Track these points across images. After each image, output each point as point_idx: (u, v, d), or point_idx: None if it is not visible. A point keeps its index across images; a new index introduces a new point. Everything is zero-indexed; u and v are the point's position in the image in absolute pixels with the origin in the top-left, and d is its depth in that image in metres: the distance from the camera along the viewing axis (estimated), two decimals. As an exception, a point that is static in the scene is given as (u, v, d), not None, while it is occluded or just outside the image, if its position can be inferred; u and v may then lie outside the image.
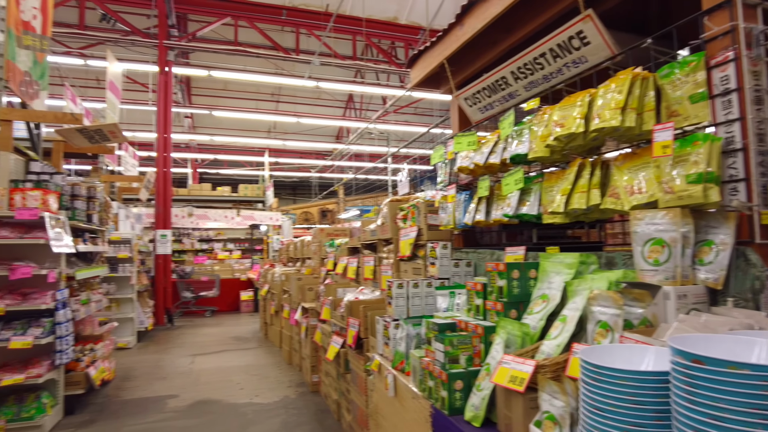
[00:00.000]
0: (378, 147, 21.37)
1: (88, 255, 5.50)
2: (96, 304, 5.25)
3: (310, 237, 7.27)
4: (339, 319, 3.87)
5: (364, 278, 4.26)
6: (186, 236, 14.81)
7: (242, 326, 9.60)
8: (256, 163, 23.37)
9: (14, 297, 4.05)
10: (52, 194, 4.27)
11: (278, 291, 7.34)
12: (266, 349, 7.34)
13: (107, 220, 5.99)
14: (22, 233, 4.08)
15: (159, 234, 9.96)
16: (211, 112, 15.10)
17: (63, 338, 4.22)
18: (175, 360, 6.66)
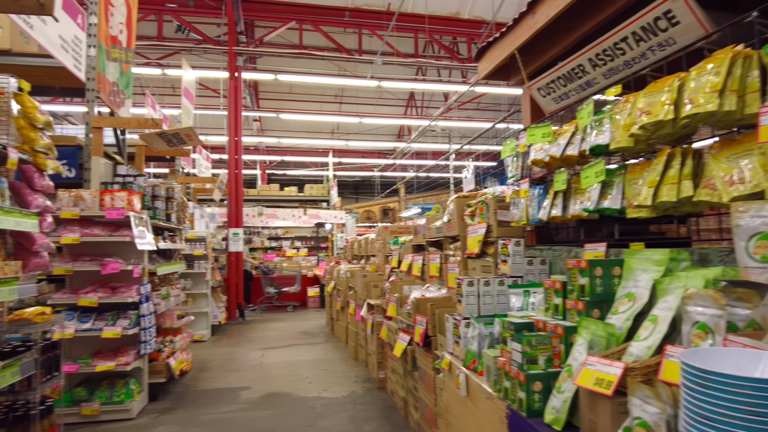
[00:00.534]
0: (440, 144, 21.22)
1: (168, 252, 5.84)
2: (175, 299, 5.56)
3: (374, 235, 7.31)
4: (405, 316, 3.85)
5: (430, 276, 4.22)
6: (256, 234, 15.41)
7: (309, 321, 9.85)
8: (320, 163, 23.91)
9: (105, 290, 4.36)
10: (136, 195, 4.56)
11: (344, 287, 7.45)
12: (333, 344, 7.48)
13: (184, 219, 6.33)
14: (111, 231, 4.39)
15: (231, 232, 10.41)
16: (278, 114, 15.62)
17: (147, 330, 4.50)
18: (246, 353, 6.93)
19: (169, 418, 4.29)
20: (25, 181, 2.69)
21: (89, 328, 4.26)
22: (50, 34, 4.30)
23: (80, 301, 4.18)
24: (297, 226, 15.16)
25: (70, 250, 4.52)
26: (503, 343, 1.87)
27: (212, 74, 12.46)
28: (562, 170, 2.30)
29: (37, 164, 2.67)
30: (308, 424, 4.08)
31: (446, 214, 3.77)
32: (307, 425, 4.06)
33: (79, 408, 4.14)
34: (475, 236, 3.14)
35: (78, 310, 4.35)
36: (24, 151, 2.60)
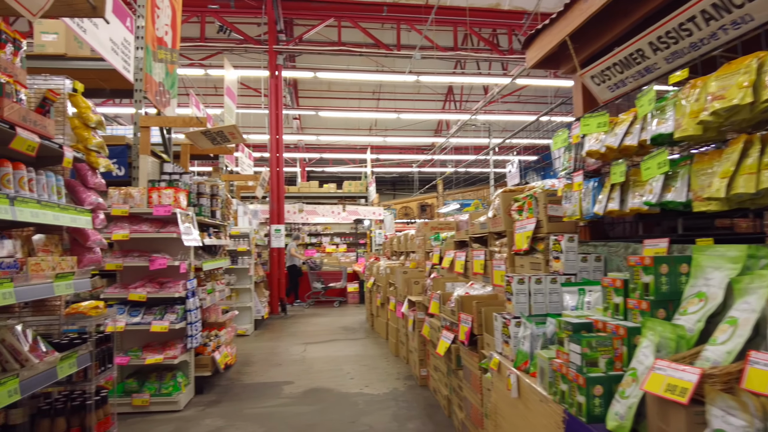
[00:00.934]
0: (479, 139, 20.89)
1: (212, 248, 5.96)
2: (219, 294, 5.67)
3: (414, 231, 7.25)
4: (449, 314, 3.77)
5: (474, 273, 4.12)
6: (296, 231, 15.61)
7: (349, 317, 9.89)
8: (358, 160, 24.01)
9: (153, 285, 4.48)
10: (182, 192, 4.66)
11: (384, 284, 7.42)
12: (373, 339, 7.47)
13: (228, 215, 6.45)
14: (159, 228, 4.50)
15: (273, 229, 10.57)
16: (317, 112, 15.72)
17: (193, 324, 4.59)
18: (288, 348, 7.01)
19: (215, 411, 4.37)
20: (79, 179, 2.77)
21: (139, 322, 4.38)
22: (101, 37, 4.44)
23: (130, 296, 4.31)
24: (336, 222, 15.27)
25: (120, 247, 4.67)
26: (559, 344, 1.78)
27: (253, 73, 12.68)
28: (620, 162, 2.17)
29: (90, 162, 2.75)
30: (351, 421, 4.06)
31: (491, 209, 3.67)
32: (350, 422, 4.05)
33: (131, 399, 4.28)
34: (523, 232, 3.03)
35: (128, 304, 4.48)
36: (78, 149, 2.67)
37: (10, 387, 1.89)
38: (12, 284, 1.91)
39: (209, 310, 5.69)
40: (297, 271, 11.80)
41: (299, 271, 11.86)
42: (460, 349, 3.50)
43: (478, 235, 4.08)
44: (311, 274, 11.77)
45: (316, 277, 11.79)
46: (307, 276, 11.90)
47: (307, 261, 11.91)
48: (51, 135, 2.28)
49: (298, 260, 11.85)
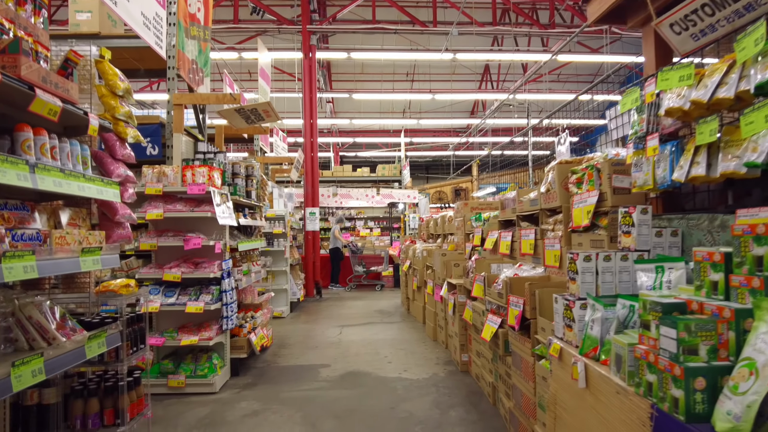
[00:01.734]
0: (517, 120, 20.23)
1: (248, 229, 5.86)
2: (255, 275, 5.57)
3: (452, 212, 6.98)
4: (495, 297, 3.52)
5: (522, 254, 3.84)
6: (331, 215, 15.55)
7: (384, 300, 9.74)
8: (392, 144, 23.74)
9: (188, 266, 4.39)
10: (216, 170, 4.53)
11: (420, 267, 7.21)
12: (409, 323, 7.28)
13: (264, 196, 6.33)
14: (193, 207, 4.39)
15: (308, 212, 10.47)
16: (351, 95, 15.49)
17: (228, 305, 4.49)
18: (324, 330, 6.90)
19: (251, 393, 4.28)
20: (107, 150, 2.64)
21: (173, 302, 4.31)
22: (133, 11, 4.31)
23: (165, 276, 4.24)
24: (370, 206, 15.11)
25: (155, 226, 4.60)
26: (643, 328, 1.51)
27: (287, 55, 12.53)
28: (709, 119, 1.86)
29: (118, 132, 2.61)
30: (390, 407, 3.89)
31: (543, 184, 3.37)
32: (390, 407, 3.88)
33: (167, 380, 4.22)
34: (583, 206, 2.74)
35: (163, 284, 4.42)
36: (105, 118, 2.54)
37: (34, 367, 1.77)
38: (34, 257, 1.78)
39: (245, 292, 5.62)
40: (339, 254, 11.69)
41: (341, 254, 11.75)
42: (509, 335, 3.25)
43: (527, 213, 3.79)
44: (353, 257, 11.64)
45: (357, 260, 11.65)
46: (348, 259, 11.79)
47: (349, 244, 11.77)
48: (74, 99, 2.13)
49: (341, 243, 11.74)
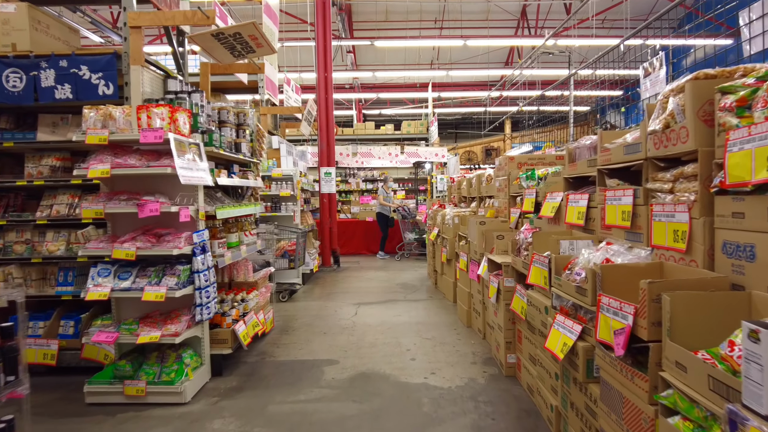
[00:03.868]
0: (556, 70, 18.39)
1: (238, 191, 4.77)
2: (248, 248, 4.51)
3: (492, 170, 5.73)
4: (572, 291, 2.35)
5: (605, 225, 2.63)
6: (351, 176, 14.40)
7: (408, 271, 8.66)
8: (418, 100, 22.16)
9: (148, 238, 3.34)
10: (182, 112, 3.40)
11: (451, 236, 6.05)
12: (437, 302, 6.19)
13: (261, 151, 5.21)
14: (150, 161, 3.30)
15: (323, 172, 9.34)
16: (373, 42, 14.03)
17: (203, 290, 3.45)
18: (338, 309, 5.88)
19: (231, 405, 3.27)
20: None
21: (129, 287, 3.28)
22: None
23: (114, 253, 3.19)
24: (393, 166, 13.88)
25: (109, 187, 3.55)
26: None
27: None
28: None
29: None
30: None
31: (657, 119, 2.12)
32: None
33: (122, 386, 3.25)
34: (756, 147, 1.50)
35: (116, 263, 3.39)
36: None
37: None
38: None
39: (236, 268, 4.58)
40: (385, 220, 10.57)
41: (389, 220, 10.63)
42: (599, 355, 2.09)
43: (618, 165, 2.55)
44: (403, 223, 10.45)
45: (410, 226, 10.46)
46: (397, 226, 10.65)
47: (399, 209, 10.54)
48: None
49: (388, 208, 10.59)
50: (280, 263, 6.53)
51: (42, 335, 3.82)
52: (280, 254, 6.57)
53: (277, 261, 6.52)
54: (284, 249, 6.60)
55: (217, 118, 4.44)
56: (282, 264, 6.54)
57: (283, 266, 6.54)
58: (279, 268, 6.50)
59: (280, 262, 6.53)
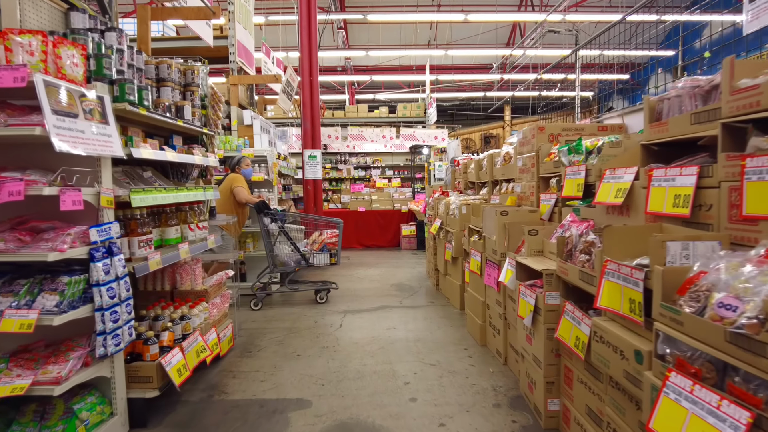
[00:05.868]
0: (561, 50, 17.19)
1: (182, 170, 3.64)
2: (194, 246, 3.39)
3: (511, 147, 4.63)
4: (719, 340, 1.26)
5: (745, 217, 1.54)
6: (342, 162, 13.25)
7: (404, 269, 7.57)
8: (413, 83, 20.93)
9: (18, 236, 2.21)
10: (69, 47, 2.26)
11: (457, 230, 4.96)
12: (440, 309, 5.11)
13: (216, 121, 4.07)
14: (14, 117, 2.16)
15: (307, 155, 8.19)
16: (366, 15, 12.81)
17: (106, 310, 2.34)
18: (319, 319, 4.78)
19: (143, 488, 2.17)
20: None
21: (-18, 309, 2.16)
22: None
23: (-48, 259, 2.07)
24: (388, 151, 12.75)
25: (-32, 160, 2.41)
26: None
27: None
28: None
29: None
30: None
31: None
32: None
33: (-24, 461, 2.14)
34: None
35: (-32, 273, 2.26)
36: None
37: None
38: None
39: (180, 273, 3.47)
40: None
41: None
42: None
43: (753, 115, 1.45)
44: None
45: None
46: None
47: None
48: None
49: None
50: (320, 258, 5.57)
51: None
52: (320, 248, 5.59)
53: (316, 255, 5.55)
54: (323, 242, 5.60)
55: (155, 75, 3.31)
56: (323, 259, 5.59)
57: (323, 261, 5.59)
58: (320, 264, 5.57)
59: (320, 257, 5.57)
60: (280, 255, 5.43)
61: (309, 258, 5.46)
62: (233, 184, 5.18)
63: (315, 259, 5.52)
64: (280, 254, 5.43)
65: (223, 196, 5.17)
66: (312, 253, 5.52)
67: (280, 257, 5.43)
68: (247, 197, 5.21)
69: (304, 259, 5.43)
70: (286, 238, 5.38)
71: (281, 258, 5.44)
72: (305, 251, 5.46)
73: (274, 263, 5.38)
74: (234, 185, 5.18)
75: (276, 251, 5.40)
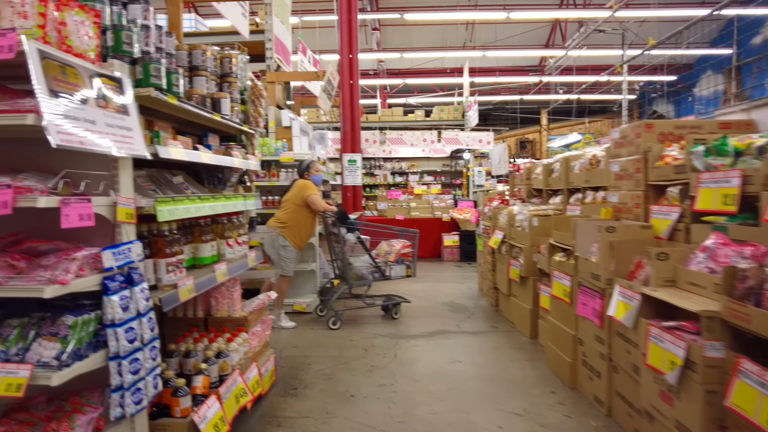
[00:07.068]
0: (607, 50, 16.22)
1: (218, 175, 3.08)
2: (234, 266, 2.83)
3: (600, 149, 3.94)
4: None
5: None
6: (377, 168, 12.68)
7: (451, 283, 6.91)
8: (448, 87, 20.26)
9: (11, 259, 1.66)
10: (73, 10, 1.71)
11: (527, 245, 4.30)
12: (505, 336, 4.43)
13: (257, 119, 3.51)
14: (10, 98, 1.61)
15: (346, 159, 7.64)
16: (402, 14, 12.29)
17: (124, 358, 1.77)
18: (369, 346, 4.17)
19: None
20: None
21: (-42, 362, 1.61)
22: None
23: None
24: (426, 156, 12.12)
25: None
26: None
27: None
28: None
29: None
30: None
31: None
32: None
33: None
34: None
35: (-56, 310, 1.72)
36: None
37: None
38: None
39: (216, 296, 2.91)
40: None
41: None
42: None
43: None
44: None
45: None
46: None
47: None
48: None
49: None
50: (397, 270, 5.06)
51: None
52: (395, 260, 5.07)
53: (393, 268, 5.04)
54: (398, 253, 5.08)
55: (187, 63, 2.77)
56: (399, 271, 5.07)
57: (401, 273, 5.07)
58: (396, 277, 5.05)
59: (396, 269, 5.06)
60: (356, 268, 4.88)
61: (385, 270, 4.90)
62: (305, 192, 4.68)
63: (392, 271, 4.96)
64: (356, 267, 4.88)
65: (291, 204, 4.71)
66: (388, 265, 4.96)
67: (356, 270, 4.88)
68: (325, 206, 4.73)
69: (380, 271, 4.88)
70: (364, 249, 4.86)
71: (358, 271, 4.89)
72: (379, 263, 4.91)
73: (350, 277, 4.84)
74: (307, 193, 4.68)
75: (352, 264, 4.88)
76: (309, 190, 4.71)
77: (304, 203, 4.69)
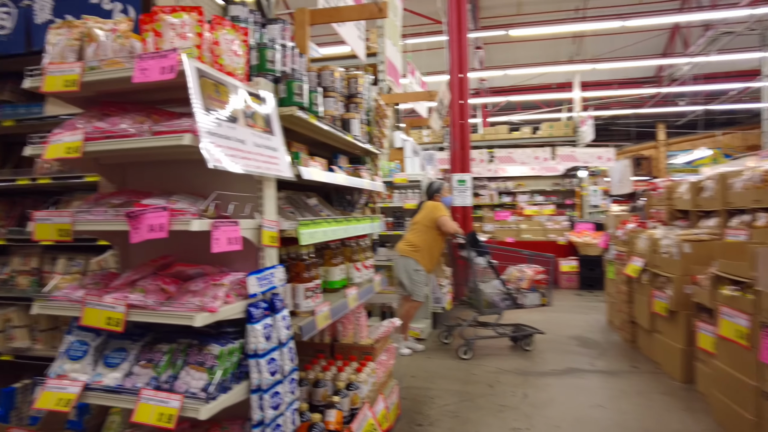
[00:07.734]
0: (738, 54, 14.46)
1: (347, 197, 2.99)
2: (361, 291, 2.70)
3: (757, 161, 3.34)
4: None
5: None
6: (482, 188, 12.28)
7: (574, 314, 6.32)
8: (553, 102, 19.36)
9: (162, 284, 1.63)
10: (229, 30, 1.68)
11: (678, 274, 3.73)
12: (652, 379, 3.85)
13: (381, 140, 3.41)
14: (158, 121, 1.59)
15: (456, 179, 7.40)
16: (507, 31, 11.95)
17: (265, 392, 1.66)
18: (494, 382, 3.83)
19: None
20: None
21: (115, 386, 1.58)
22: None
23: (84, 316, 1.53)
24: (537, 174, 11.51)
25: (117, 182, 1.94)
26: None
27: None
28: None
29: None
30: None
31: None
32: None
33: None
34: None
35: (102, 333, 1.72)
36: None
37: None
38: None
39: (343, 322, 2.80)
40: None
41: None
42: None
43: None
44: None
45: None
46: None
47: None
48: None
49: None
50: (531, 298, 4.78)
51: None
52: (529, 287, 4.80)
53: (528, 295, 4.77)
54: (532, 280, 4.83)
55: (316, 83, 2.72)
56: (534, 300, 4.78)
57: (535, 302, 4.78)
58: (531, 305, 4.76)
59: (531, 297, 4.78)
60: (487, 295, 4.63)
61: (517, 298, 4.61)
62: (436, 213, 4.57)
63: (526, 299, 4.65)
64: (487, 294, 4.64)
65: (422, 226, 4.62)
66: (520, 292, 4.65)
67: (487, 297, 4.64)
68: (455, 228, 4.62)
69: (512, 299, 4.59)
70: (495, 274, 4.62)
71: (488, 297, 4.64)
72: (511, 290, 4.62)
73: (482, 304, 4.61)
74: (438, 214, 4.58)
75: (483, 290, 4.64)
76: (440, 211, 4.56)
77: (434, 225, 4.54)
